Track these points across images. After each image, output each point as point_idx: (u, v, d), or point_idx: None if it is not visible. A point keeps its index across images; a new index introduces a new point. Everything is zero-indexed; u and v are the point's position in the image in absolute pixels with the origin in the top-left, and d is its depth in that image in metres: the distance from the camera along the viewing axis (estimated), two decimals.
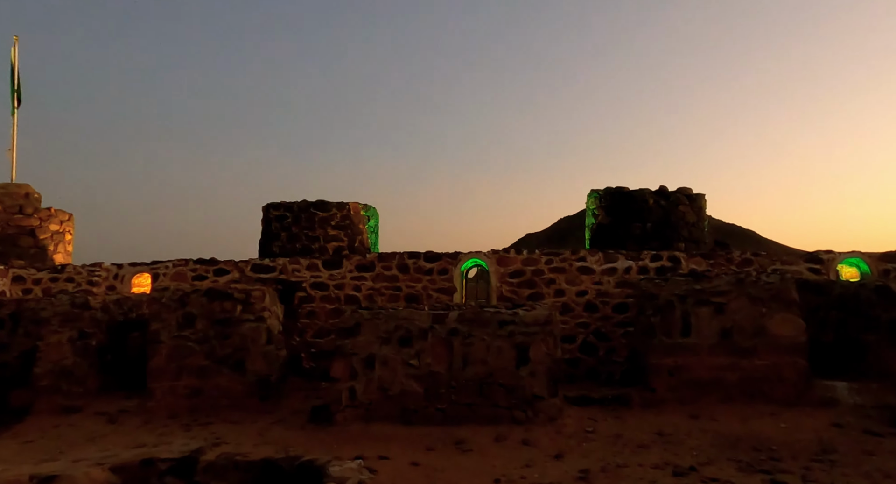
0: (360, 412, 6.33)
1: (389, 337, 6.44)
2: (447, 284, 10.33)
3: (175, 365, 7.14)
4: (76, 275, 10.37)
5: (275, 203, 10.90)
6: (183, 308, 7.21)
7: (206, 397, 7.12)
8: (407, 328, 6.44)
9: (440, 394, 6.27)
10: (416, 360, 6.36)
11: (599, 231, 10.84)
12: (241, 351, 7.20)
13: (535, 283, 10.03)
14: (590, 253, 9.89)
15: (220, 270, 10.50)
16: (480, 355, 6.29)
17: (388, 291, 10.27)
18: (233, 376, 7.15)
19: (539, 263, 10.05)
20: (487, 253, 10.35)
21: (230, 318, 7.23)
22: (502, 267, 10.19)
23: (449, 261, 10.39)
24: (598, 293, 9.78)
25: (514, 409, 6.14)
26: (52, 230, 11.36)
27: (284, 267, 10.40)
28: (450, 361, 6.32)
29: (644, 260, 9.69)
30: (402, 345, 6.41)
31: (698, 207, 10.35)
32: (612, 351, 9.60)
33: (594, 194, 11.05)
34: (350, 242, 11.08)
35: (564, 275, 9.93)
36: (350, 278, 10.33)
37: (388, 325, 6.46)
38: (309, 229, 10.84)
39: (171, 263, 10.52)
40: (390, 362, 6.39)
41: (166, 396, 7.11)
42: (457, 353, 6.32)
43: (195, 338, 7.18)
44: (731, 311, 6.47)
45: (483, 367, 6.27)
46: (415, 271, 10.35)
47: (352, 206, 11.10)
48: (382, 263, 10.36)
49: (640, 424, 6.11)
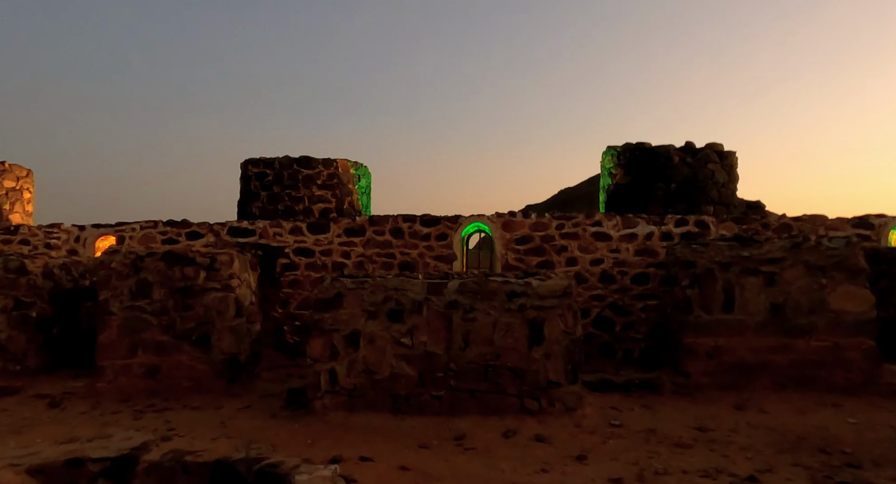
0: (342, 399, 5.34)
1: (377, 310, 5.41)
2: (446, 251, 9.27)
3: (128, 340, 6.13)
4: (31, 237, 9.30)
5: (254, 159, 9.75)
6: (137, 274, 6.15)
7: (165, 378, 6.13)
8: (398, 300, 5.40)
9: (437, 378, 5.28)
10: (409, 338, 5.34)
11: (617, 193, 9.71)
12: (206, 325, 6.17)
13: (544, 250, 8.97)
14: (606, 217, 8.80)
15: (194, 233, 9.43)
16: (485, 333, 5.27)
17: (381, 259, 9.22)
18: (195, 354, 6.15)
19: (549, 228, 8.97)
20: (491, 216, 9.26)
21: (192, 286, 6.18)
22: (508, 232, 9.11)
23: (448, 225, 9.31)
24: (616, 262, 8.74)
25: (526, 397, 5.15)
26: (6, 187, 10.22)
27: (265, 230, 9.32)
28: (449, 340, 5.30)
29: (668, 225, 8.61)
30: (392, 320, 5.39)
31: (729, 166, 9.21)
32: (629, 326, 8.61)
33: (611, 151, 9.87)
34: (338, 203, 9.97)
35: (578, 241, 8.86)
36: (338, 244, 9.27)
37: (375, 296, 5.42)
38: (292, 189, 9.71)
39: (138, 224, 9.44)
40: (378, 340, 5.37)
41: (119, 376, 6.12)
42: (457, 330, 5.30)
43: (152, 309, 6.15)
44: (784, 282, 5.42)
45: (488, 347, 5.25)
46: (410, 236, 9.28)
47: (340, 164, 9.94)
48: (374, 227, 9.28)
49: (675, 416, 5.13)
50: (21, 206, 10.46)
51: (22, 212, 10.55)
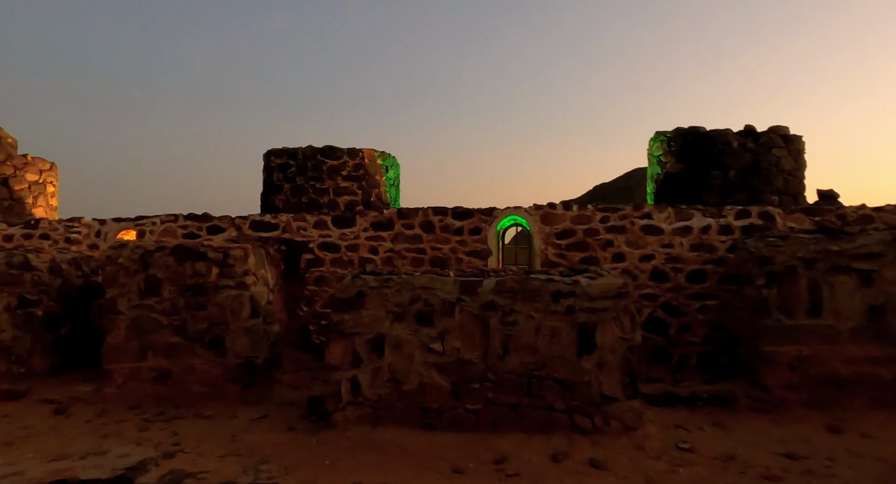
0: (366, 412, 4.73)
1: (403, 312, 4.77)
2: (480, 246, 8.59)
3: (137, 342, 5.66)
4: (52, 231, 9.02)
5: (276, 149, 9.25)
6: (145, 270, 5.67)
7: (177, 383, 5.64)
8: (427, 301, 4.76)
9: (473, 390, 4.62)
10: (440, 343, 4.69)
11: (668, 182, 8.85)
12: (219, 326, 5.65)
13: (587, 245, 8.20)
14: (657, 209, 7.97)
15: (215, 227, 8.99)
16: (527, 339, 4.58)
17: (410, 254, 8.60)
18: (208, 358, 5.64)
19: (593, 221, 8.19)
20: (529, 209, 8.53)
21: (204, 283, 5.67)
22: (547, 226, 8.37)
23: (483, 218, 8.62)
24: (668, 258, 7.90)
25: (576, 413, 4.44)
26: (29, 180, 10.00)
27: (288, 224, 8.81)
28: (485, 346, 4.63)
29: (727, 217, 7.73)
30: (421, 323, 4.75)
31: (796, 151, 8.25)
32: (685, 329, 7.77)
33: (661, 138, 9.01)
34: (365, 195, 9.39)
35: (625, 235, 8.06)
36: (365, 238, 8.69)
37: (401, 295, 4.78)
38: (316, 180, 9.18)
39: (158, 218, 9.05)
40: (405, 346, 4.74)
41: (128, 380, 5.66)
42: (495, 335, 4.62)
43: (161, 308, 5.67)
44: (885, 281, 4.56)
45: (531, 354, 4.56)
46: (441, 230, 8.63)
47: (366, 153, 9.36)
48: (403, 220, 8.66)
49: (756, 439, 4.34)
50: (44, 200, 10.24)
51: (45, 206, 10.34)
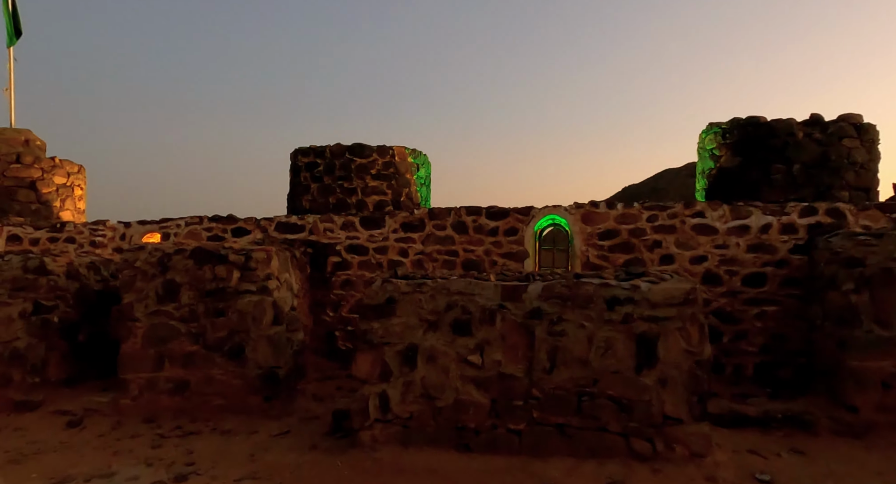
0: (396, 430, 4.27)
1: (438, 320, 4.30)
2: (517, 248, 8.08)
3: (154, 351, 5.33)
4: (77, 234, 8.85)
5: (303, 148, 8.91)
6: (163, 275, 5.34)
7: (195, 395, 5.29)
8: (464, 307, 4.28)
9: (515, 408, 4.12)
10: (479, 355, 4.21)
11: (722, 178, 8.18)
12: (239, 334, 5.28)
13: (632, 246, 7.61)
14: (710, 206, 7.33)
15: (240, 229, 8.69)
16: (578, 351, 4.05)
17: (442, 256, 8.14)
18: (228, 368, 5.27)
19: (639, 220, 7.60)
20: (569, 208, 7.98)
21: (224, 288, 5.31)
22: (589, 225, 7.81)
23: (519, 218, 8.11)
24: (723, 260, 7.26)
25: (634, 436, 3.90)
26: (57, 183, 9.89)
27: (315, 226, 8.45)
28: (530, 360, 4.13)
29: (790, 214, 7.04)
30: (458, 332, 4.27)
31: (870, 141, 7.49)
32: (741, 337, 7.11)
33: (714, 129, 8.34)
34: (394, 195, 8.98)
35: (675, 235, 7.44)
36: (394, 240, 8.27)
37: (435, 301, 4.32)
38: (344, 180, 8.80)
39: (182, 221, 8.81)
40: (440, 358, 4.27)
41: (144, 391, 5.33)
42: (541, 346, 4.11)
43: (180, 315, 5.33)
44: None
45: (582, 369, 4.04)
46: (475, 231, 8.15)
47: (396, 151, 8.94)
48: (434, 220, 8.22)
49: (849, 469, 3.73)
50: (72, 203, 10.13)
51: (73, 209, 10.23)
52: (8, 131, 9.61)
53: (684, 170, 22.16)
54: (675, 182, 21.07)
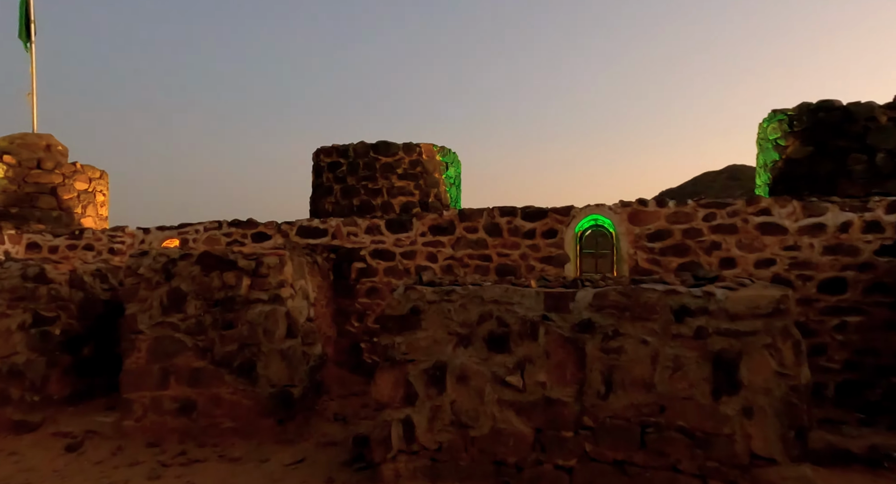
0: (423, 463, 3.65)
1: (470, 334, 3.67)
2: (556, 251, 7.38)
3: (159, 367, 4.84)
4: (96, 241, 8.57)
5: (326, 147, 8.44)
6: (168, 282, 4.87)
7: (202, 416, 4.78)
8: (501, 319, 3.64)
9: (563, 440, 3.44)
10: (519, 376, 3.56)
11: (789, 170, 7.33)
12: (250, 348, 4.75)
13: (687, 248, 6.83)
14: (778, 203, 6.50)
15: (260, 234, 8.26)
16: (640, 372, 3.36)
17: (474, 261, 7.51)
18: (238, 386, 4.74)
19: (694, 219, 6.82)
20: (614, 206, 7.25)
21: (233, 297, 4.80)
22: (637, 226, 7.07)
23: (558, 219, 7.42)
24: (794, 263, 6.42)
25: (713, 478, 3.17)
26: (78, 189, 9.67)
27: (338, 229, 7.94)
28: (580, 381, 3.45)
29: (875, 210, 6.17)
30: (494, 348, 3.63)
31: None
32: (818, 352, 6.24)
33: (778, 117, 7.49)
34: (422, 195, 8.41)
35: (736, 236, 6.64)
36: (422, 244, 7.68)
37: (467, 312, 3.69)
38: (369, 180, 8.28)
39: (202, 226, 8.43)
40: (473, 378, 3.63)
41: (148, 412, 4.85)
42: (593, 366, 3.44)
43: (186, 326, 4.84)
44: None
45: (645, 393, 3.34)
46: (510, 234, 7.50)
47: (424, 149, 8.38)
48: (465, 222, 7.60)
49: None
50: (94, 210, 9.91)
51: (95, 215, 10.01)
52: (30, 137, 9.47)
53: (724, 173, 21.23)
54: (713, 186, 20.23)
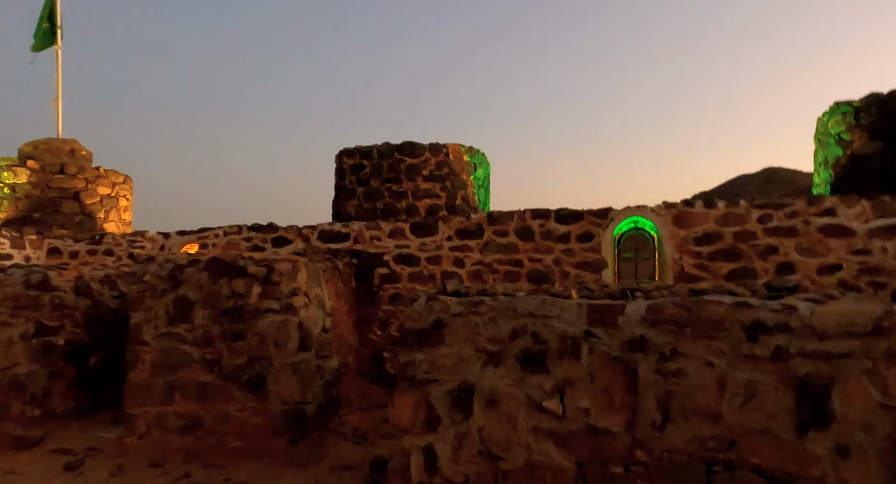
0: None
1: (501, 351, 3.20)
2: (592, 257, 6.85)
3: (164, 380, 4.50)
4: (115, 246, 8.39)
5: (349, 149, 8.09)
6: (175, 290, 4.53)
7: (209, 434, 4.41)
8: (537, 334, 3.16)
9: (613, 478, 2.93)
10: (558, 401, 3.07)
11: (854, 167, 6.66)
12: (260, 361, 4.37)
13: (739, 252, 6.22)
14: (844, 202, 5.85)
15: (281, 238, 7.94)
16: (704, 399, 2.83)
17: (503, 267, 7.03)
18: (247, 402, 4.36)
19: (748, 221, 6.21)
20: (657, 208, 6.69)
21: (243, 306, 4.43)
22: (683, 229, 6.49)
23: (595, 221, 6.89)
24: (864, 269, 5.75)
25: None
26: (101, 194, 9.53)
27: (360, 234, 7.56)
28: (632, 409, 2.94)
29: None
30: (528, 367, 3.15)
31: None
32: None
33: (842, 109, 6.82)
34: (449, 198, 7.97)
35: (795, 239, 6.00)
36: (448, 248, 7.24)
37: (497, 326, 3.22)
38: (393, 182, 7.88)
39: (221, 230, 8.17)
40: (504, 402, 3.16)
41: (152, 428, 4.50)
42: (647, 391, 2.92)
43: (192, 338, 4.48)
44: None
45: (711, 425, 2.81)
46: (542, 237, 7.00)
47: (451, 149, 7.95)
48: (494, 226, 7.13)
49: None
50: (117, 214, 9.77)
51: (118, 220, 9.87)
52: (54, 141, 9.40)
53: (759, 175, 20.57)
54: (748, 189, 19.53)
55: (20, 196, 8.77)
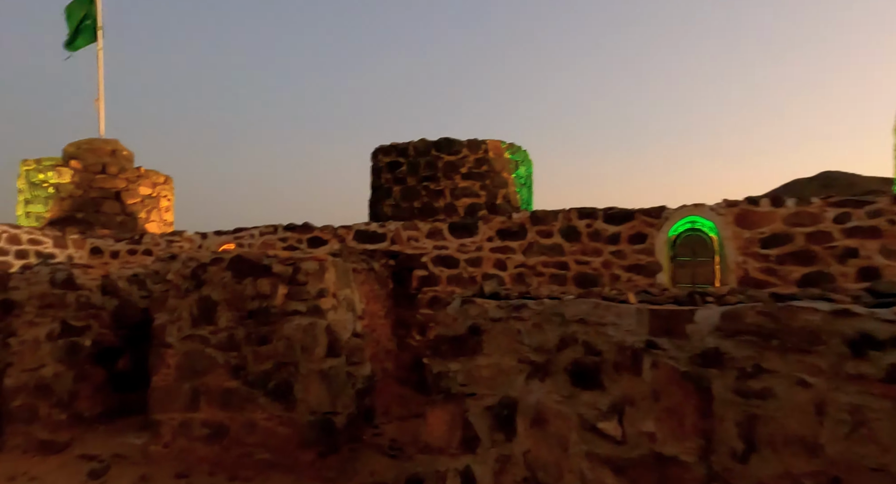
0: None
1: (548, 362, 2.81)
2: (645, 259, 6.34)
3: (189, 386, 4.28)
4: (154, 246, 8.36)
5: (384, 146, 7.81)
6: (198, 290, 4.31)
7: (235, 444, 4.15)
8: (589, 344, 2.75)
9: None
10: (616, 422, 2.64)
11: None
12: (286, 367, 4.09)
13: (813, 255, 5.60)
14: None
15: (316, 238, 7.73)
16: (796, 426, 2.35)
17: (548, 269, 6.59)
18: (273, 411, 4.09)
19: (822, 221, 5.58)
20: (717, 206, 6.14)
21: (268, 308, 4.16)
22: (747, 229, 5.91)
23: (648, 221, 6.38)
24: None
25: None
26: (142, 194, 9.58)
27: (397, 234, 7.26)
28: (707, 435, 2.49)
29: None
30: (579, 382, 2.74)
31: None
32: None
33: None
34: (489, 197, 7.59)
35: (879, 241, 5.35)
36: (489, 249, 6.86)
37: (543, 333, 2.83)
38: (430, 180, 7.56)
39: (257, 230, 8.03)
40: (552, 421, 2.76)
41: (178, 436, 4.29)
42: (725, 413, 2.47)
43: (217, 341, 4.25)
44: None
45: (807, 457, 2.33)
46: (590, 238, 6.52)
47: (491, 146, 7.57)
48: (538, 226, 6.71)
49: None
50: (158, 215, 9.82)
51: (159, 220, 9.92)
52: (96, 142, 9.53)
53: (816, 180, 19.57)
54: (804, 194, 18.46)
55: (64, 196, 8.90)
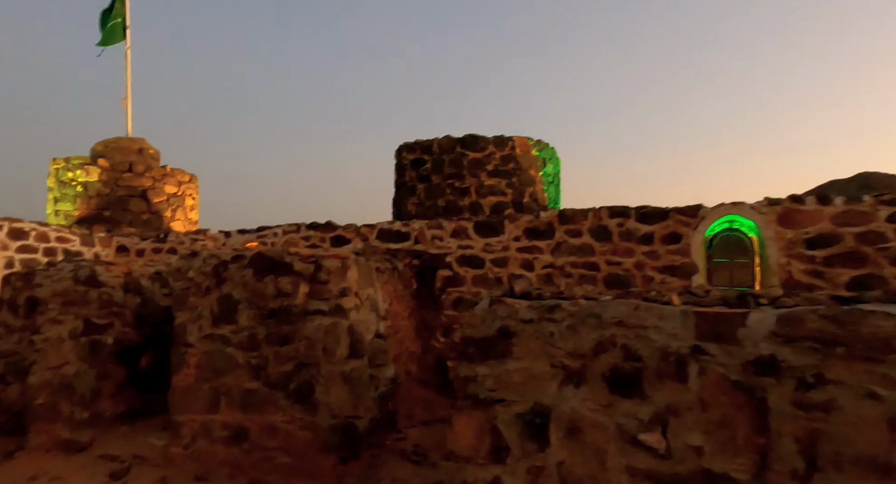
0: None
1: (583, 367, 2.61)
2: (680, 260, 6.07)
3: (209, 386, 4.19)
4: (178, 244, 8.38)
5: (408, 143, 7.68)
6: (219, 288, 4.21)
7: (255, 447, 4.04)
8: (628, 348, 2.54)
9: None
10: (659, 433, 2.43)
11: None
12: (308, 368, 3.96)
13: (863, 257, 5.27)
14: None
15: (339, 237, 7.63)
16: (865, 444, 2.12)
17: (577, 270, 6.37)
18: (294, 413, 3.96)
19: (874, 220, 5.26)
20: (758, 205, 5.84)
21: (289, 307, 4.04)
22: (791, 229, 5.60)
23: (683, 220, 6.11)
24: None
25: None
26: (168, 193, 9.64)
27: (421, 233, 7.11)
28: (762, 450, 2.26)
29: None
30: (618, 390, 2.54)
31: None
32: None
33: None
34: (516, 195, 7.39)
35: None
36: (516, 249, 6.66)
37: (577, 336, 2.63)
38: (455, 178, 7.39)
39: (280, 229, 7.97)
40: (589, 431, 2.56)
41: (197, 438, 4.20)
42: (783, 427, 2.24)
43: (238, 340, 4.15)
44: None
45: (879, 478, 2.08)
46: (621, 238, 6.28)
47: (517, 142, 7.37)
48: (566, 225, 6.49)
49: None
50: (183, 213, 9.86)
51: (184, 219, 9.96)
52: (123, 140, 9.63)
53: (854, 181, 18.88)
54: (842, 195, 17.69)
55: (92, 194, 9.01)
